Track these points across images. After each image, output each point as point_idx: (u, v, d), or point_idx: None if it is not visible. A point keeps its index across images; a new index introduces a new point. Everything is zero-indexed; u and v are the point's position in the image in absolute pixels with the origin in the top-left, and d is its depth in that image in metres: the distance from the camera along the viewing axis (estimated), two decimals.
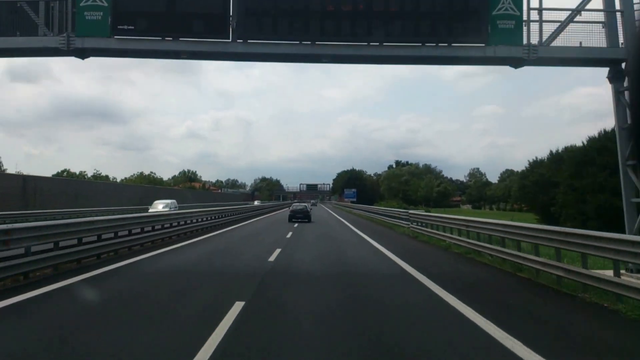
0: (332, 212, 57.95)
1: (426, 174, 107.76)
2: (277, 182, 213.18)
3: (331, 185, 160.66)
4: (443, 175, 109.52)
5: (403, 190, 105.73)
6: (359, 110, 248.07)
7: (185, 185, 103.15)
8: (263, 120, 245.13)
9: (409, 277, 9.73)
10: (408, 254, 13.57)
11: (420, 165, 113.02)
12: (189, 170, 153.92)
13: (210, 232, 21.44)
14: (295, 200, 61.31)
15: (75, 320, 6.09)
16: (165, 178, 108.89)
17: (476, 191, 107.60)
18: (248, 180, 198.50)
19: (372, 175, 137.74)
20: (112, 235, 12.43)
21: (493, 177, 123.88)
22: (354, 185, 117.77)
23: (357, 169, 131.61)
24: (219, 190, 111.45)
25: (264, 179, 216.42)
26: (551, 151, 54.54)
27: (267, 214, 50.68)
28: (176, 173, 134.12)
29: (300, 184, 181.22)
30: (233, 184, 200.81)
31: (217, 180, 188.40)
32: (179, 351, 4.73)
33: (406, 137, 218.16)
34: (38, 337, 5.33)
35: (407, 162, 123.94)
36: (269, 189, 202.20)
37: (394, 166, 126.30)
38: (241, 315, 6.13)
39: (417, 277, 9.64)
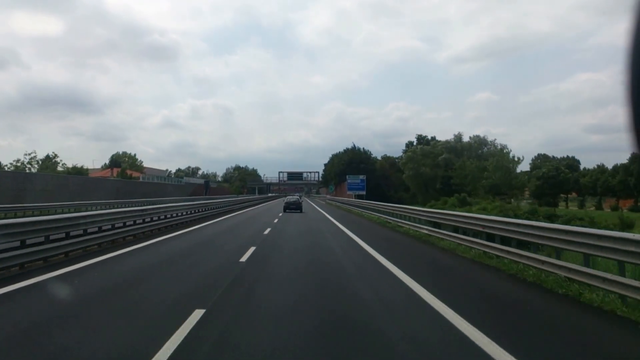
0: (347, 232, 16.43)
1: (476, 150, 66.41)
2: (254, 171, 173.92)
3: (321, 173, 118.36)
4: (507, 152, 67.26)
5: (443, 177, 64.29)
6: (345, 98, 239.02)
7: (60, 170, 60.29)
8: (244, 109, 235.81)
9: None
10: None
11: (465, 139, 71.20)
12: (124, 153, 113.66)
13: None
14: (289, 194, 60.78)
15: None
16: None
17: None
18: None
19: (377, 158, 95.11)
20: None
21: None
22: (358, 171, 76.38)
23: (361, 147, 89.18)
24: (139, 178, 68.94)
25: (237, 168, 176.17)
26: None
27: None
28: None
29: (279, 172, 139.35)
30: (193, 172, 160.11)
31: (178, 170, 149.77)
32: None
33: (396, 126, 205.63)
34: None
35: (434, 138, 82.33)
36: (240, 179, 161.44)
37: (414, 144, 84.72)
38: None
39: None
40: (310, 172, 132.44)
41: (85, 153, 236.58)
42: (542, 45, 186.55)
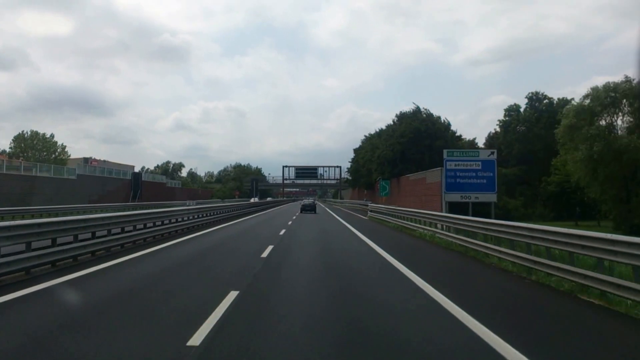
0: None
1: None
2: (258, 170, 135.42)
3: (347, 168, 77.04)
4: None
5: None
6: (359, 100, 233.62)
7: None
8: (256, 111, 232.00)
9: None
10: None
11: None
12: (35, 134, 76.73)
13: None
14: (300, 198, 56.60)
15: None
16: None
17: None
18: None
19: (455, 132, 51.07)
20: None
21: None
22: (430, 152, 35.19)
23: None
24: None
25: (237, 166, 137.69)
26: None
27: None
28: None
29: (283, 167, 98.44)
30: (174, 170, 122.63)
31: (156, 166, 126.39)
32: None
33: None
34: None
35: (564, 100, 40.38)
36: (234, 178, 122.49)
37: (522, 110, 42.70)
38: None
39: None
40: (327, 167, 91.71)
41: (89, 154, 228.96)
42: (558, 47, 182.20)
